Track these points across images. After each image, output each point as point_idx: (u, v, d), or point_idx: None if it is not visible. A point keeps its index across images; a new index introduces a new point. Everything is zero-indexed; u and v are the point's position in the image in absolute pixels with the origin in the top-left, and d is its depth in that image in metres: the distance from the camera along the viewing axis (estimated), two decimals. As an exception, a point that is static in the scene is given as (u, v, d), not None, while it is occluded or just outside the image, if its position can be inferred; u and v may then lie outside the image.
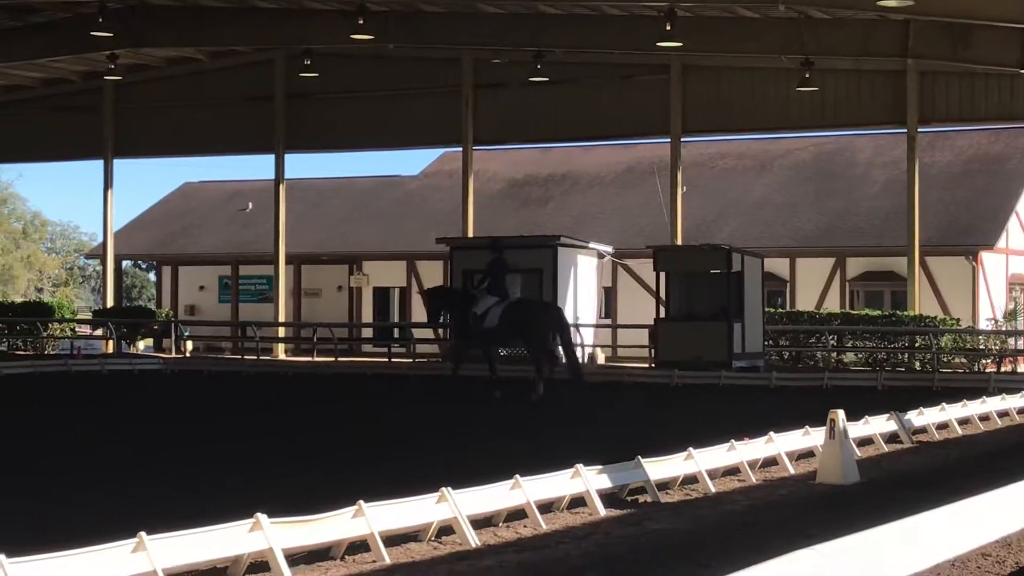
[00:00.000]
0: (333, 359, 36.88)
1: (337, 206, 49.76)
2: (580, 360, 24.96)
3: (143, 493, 11.74)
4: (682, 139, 38.46)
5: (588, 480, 11.11)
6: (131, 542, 7.30)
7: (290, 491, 11.40)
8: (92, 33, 35.65)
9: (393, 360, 37.70)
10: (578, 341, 35.39)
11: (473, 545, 9.50)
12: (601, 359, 37.13)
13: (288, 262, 43.79)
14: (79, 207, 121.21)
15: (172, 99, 43.73)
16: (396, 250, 46.27)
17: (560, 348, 24.01)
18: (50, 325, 44.45)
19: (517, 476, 10.37)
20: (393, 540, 9.30)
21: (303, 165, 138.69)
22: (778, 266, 41.48)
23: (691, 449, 12.59)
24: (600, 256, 39.24)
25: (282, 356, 41.09)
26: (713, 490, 12.42)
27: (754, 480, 13.18)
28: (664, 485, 12.23)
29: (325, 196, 50.63)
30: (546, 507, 10.76)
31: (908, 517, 7.34)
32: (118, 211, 45.90)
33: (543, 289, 36.04)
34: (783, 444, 14.18)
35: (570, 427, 19.17)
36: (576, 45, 36.90)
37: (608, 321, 42.05)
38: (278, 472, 13.45)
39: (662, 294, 33.48)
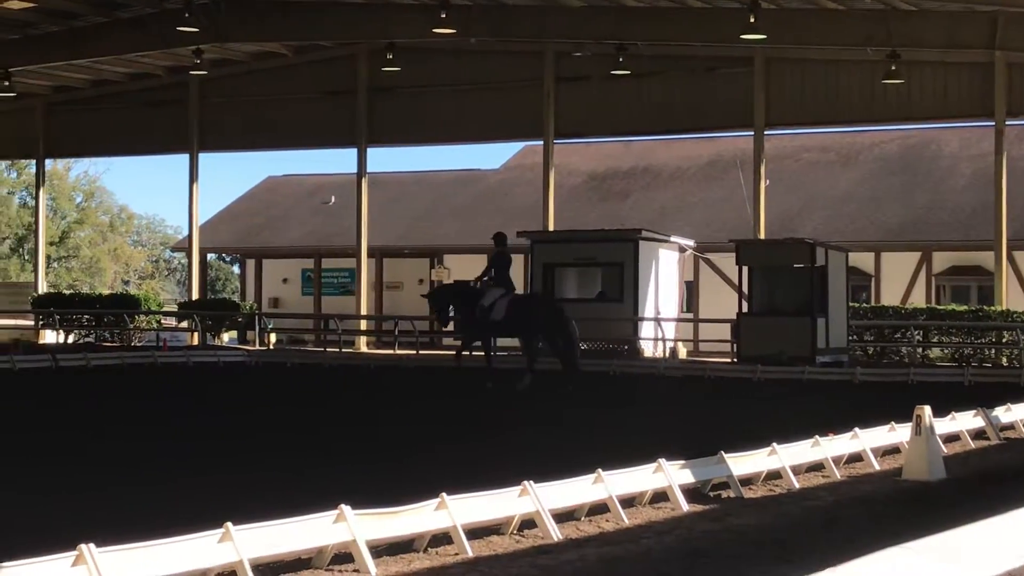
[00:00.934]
0: (415, 352, 37.02)
1: (419, 200, 49.94)
2: (577, 355, 25.79)
3: (227, 482, 11.84)
4: (765, 132, 38.18)
5: (670, 475, 11.05)
6: (217, 532, 7.37)
7: (371, 482, 11.46)
8: (178, 28, 36.02)
9: (474, 353, 37.72)
10: (662, 334, 35.28)
11: (555, 539, 9.49)
12: (683, 354, 36.97)
13: (370, 255, 44.00)
14: (165, 201, 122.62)
15: (256, 93, 44.11)
16: (477, 243, 46.20)
17: (561, 341, 24.95)
18: (137, 317, 44.99)
19: (599, 470, 10.34)
20: (475, 533, 9.30)
21: (385, 159, 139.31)
22: (863, 260, 41.11)
23: (775, 444, 12.49)
24: (682, 250, 39.07)
25: (364, 349, 41.31)
26: (797, 486, 12.32)
27: (839, 476, 13.05)
28: (747, 481, 12.14)
29: (407, 190, 50.83)
30: (628, 501, 10.71)
31: (997, 515, 7.24)
32: (203, 204, 46.42)
33: (624, 283, 35.99)
34: (868, 440, 14.04)
35: (651, 421, 19.10)
36: (658, 38, 36.75)
37: (690, 315, 41.88)
38: (358, 462, 13.52)
39: (744, 288, 33.27)
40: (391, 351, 38.68)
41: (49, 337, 44.99)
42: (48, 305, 45.06)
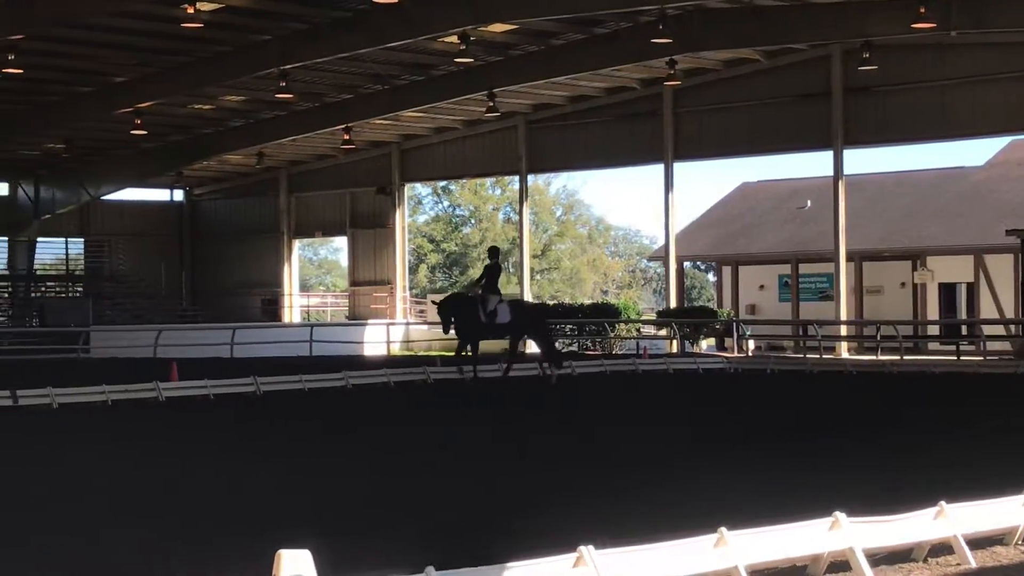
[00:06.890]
0: (898, 357, 35.99)
1: (898, 200, 48.61)
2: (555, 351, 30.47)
3: (715, 487, 11.83)
4: None
5: None
6: (712, 536, 7.34)
7: (860, 489, 11.17)
8: (652, 40, 36.50)
9: (962, 358, 36.36)
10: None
11: (1066, 551, 8.94)
12: None
13: (848, 259, 43.17)
14: (640, 211, 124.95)
15: (728, 100, 44.18)
16: (962, 244, 44.59)
17: (542, 339, 29.16)
18: (616, 326, 46.03)
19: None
20: (976, 543, 8.89)
21: (860, 160, 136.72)
22: None
23: None
24: None
25: (845, 355, 40.54)
26: None
27: None
28: None
29: (886, 190, 49.56)
30: None
31: None
32: (677, 213, 46.86)
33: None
34: None
35: None
36: None
37: None
38: (852, 469, 13.24)
39: None
40: (873, 356, 37.77)
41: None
42: (534, 315, 46.75)
